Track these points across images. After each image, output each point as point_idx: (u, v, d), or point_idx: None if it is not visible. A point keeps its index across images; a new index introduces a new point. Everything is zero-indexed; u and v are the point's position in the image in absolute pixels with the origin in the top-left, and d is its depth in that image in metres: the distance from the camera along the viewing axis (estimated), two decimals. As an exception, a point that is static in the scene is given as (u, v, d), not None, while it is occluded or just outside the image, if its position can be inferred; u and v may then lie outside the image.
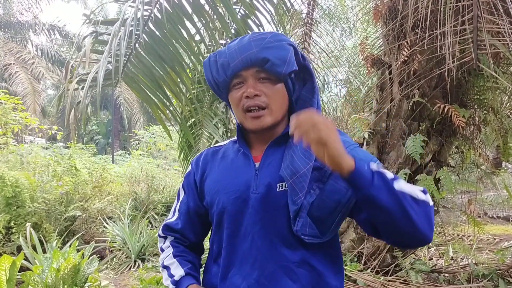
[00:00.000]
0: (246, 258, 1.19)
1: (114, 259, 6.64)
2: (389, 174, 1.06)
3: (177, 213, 1.42)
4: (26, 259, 4.82)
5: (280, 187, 1.18)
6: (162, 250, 1.42)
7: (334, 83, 7.26)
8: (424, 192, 1.10)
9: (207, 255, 1.40)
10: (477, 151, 4.57)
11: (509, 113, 4.63)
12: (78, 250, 4.65)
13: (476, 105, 4.17)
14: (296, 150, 1.17)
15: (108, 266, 6.43)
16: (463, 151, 4.62)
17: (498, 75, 3.57)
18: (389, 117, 4.17)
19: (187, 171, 1.43)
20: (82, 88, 3.67)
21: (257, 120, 1.20)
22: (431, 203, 1.11)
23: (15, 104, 8.05)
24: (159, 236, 1.47)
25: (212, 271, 1.31)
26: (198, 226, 1.40)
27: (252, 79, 1.20)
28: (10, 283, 3.21)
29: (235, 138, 1.36)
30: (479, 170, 4.79)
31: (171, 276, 1.32)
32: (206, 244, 1.41)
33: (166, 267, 1.36)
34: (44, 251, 4.88)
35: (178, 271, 1.31)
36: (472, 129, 4.34)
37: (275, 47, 1.17)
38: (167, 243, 1.42)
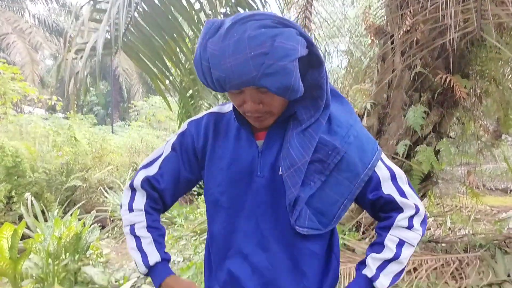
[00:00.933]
0: (249, 239, 1.17)
1: (115, 228, 6.72)
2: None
3: (158, 169, 1.29)
4: (27, 227, 4.87)
5: (281, 170, 1.16)
6: (131, 210, 1.28)
7: (335, 54, 7.19)
8: (417, 213, 1.21)
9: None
10: (478, 122, 4.56)
11: (511, 85, 4.60)
12: (79, 219, 4.69)
13: (478, 76, 4.14)
14: (293, 141, 1.12)
15: (110, 235, 6.51)
16: (464, 123, 4.61)
17: (501, 46, 3.53)
18: (390, 88, 4.13)
19: (182, 130, 1.31)
20: (81, 58, 3.63)
21: (259, 122, 1.14)
22: (422, 216, 1.23)
23: (14, 74, 7.99)
24: (130, 187, 1.31)
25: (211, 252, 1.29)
26: (181, 191, 1.32)
27: (250, 90, 1.08)
28: (12, 251, 3.25)
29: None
30: (479, 142, 4.79)
31: (142, 252, 1.25)
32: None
33: (137, 237, 1.26)
34: (45, 220, 4.93)
35: (153, 254, 1.25)
36: (473, 100, 4.32)
37: (276, 72, 0.99)
38: (140, 205, 1.28)
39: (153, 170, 1.29)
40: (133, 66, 23.25)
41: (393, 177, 1.22)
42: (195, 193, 7.97)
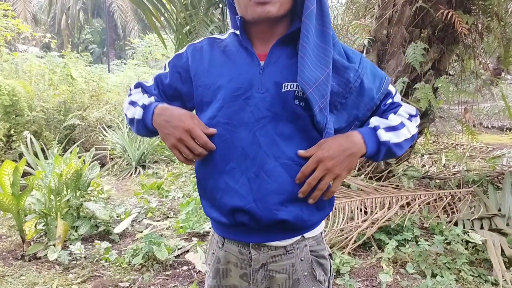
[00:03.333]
0: (246, 153, 1.17)
1: (115, 166, 6.82)
2: (395, 121, 1.20)
3: (153, 82, 1.34)
4: (28, 165, 4.94)
5: (286, 87, 1.15)
6: (130, 95, 1.33)
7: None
8: (416, 116, 1.27)
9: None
10: (478, 59, 4.50)
11: (513, 21, 4.50)
12: (79, 157, 4.75)
13: (480, 12, 4.04)
14: (310, 58, 1.12)
15: (110, 172, 6.62)
16: (464, 60, 4.56)
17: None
18: (390, 24, 4.05)
19: (180, 51, 1.32)
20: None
21: (262, 6, 1.12)
22: (418, 121, 1.30)
23: (5, 10, 7.77)
24: (129, 89, 1.37)
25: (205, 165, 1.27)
26: (173, 95, 1.33)
27: None
28: (14, 187, 3.31)
29: (235, 30, 1.29)
30: (478, 80, 4.76)
31: (138, 105, 1.26)
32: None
33: (133, 103, 1.28)
34: (45, 158, 4.99)
35: (147, 100, 1.26)
36: (474, 37, 4.25)
37: None
38: (139, 89, 1.34)
39: (148, 82, 1.35)
40: (128, 2, 22.62)
41: (397, 96, 1.29)
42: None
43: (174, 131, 1.15)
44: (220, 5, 5.28)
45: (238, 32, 1.25)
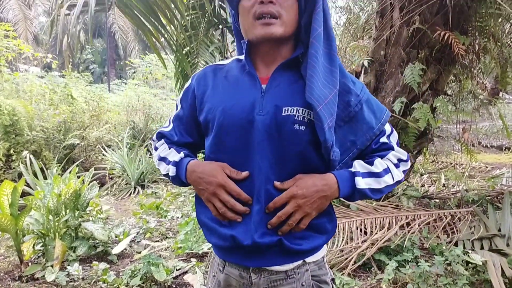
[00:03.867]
0: (260, 168, 1.17)
1: (114, 185, 6.80)
2: (376, 183, 1.21)
3: (171, 124, 1.40)
4: (27, 185, 4.93)
5: (286, 111, 1.16)
6: (156, 149, 1.41)
7: (333, 10, 7.05)
8: (406, 161, 1.28)
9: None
10: (475, 80, 4.54)
11: (509, 42, 4.56)
12: (78, 177, 4.74)
13: (477, 33, 4.09)
14: (319, 77, 1.15)
15: (109, 192, 6.60)
16: (461, 80, 4.59)
17: (501, 1, 3.47)
18: (388, 45, 4.09)
19: (186, 85, 1.37)
20: (74, 13, 3.57)
21: (267, 27, 1.15)
22: (408, 166, 1.30)
23: (6, 31, 7.84)
24: (152, 140, 1.45)
25: None
26: (193, 129, 1.37)
27: None
28: (13, 207, 3.30)
29: (238, 57, 1.32)
30: (475, 99, 4.79)
31: (170, 162, 1.31)
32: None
33: (163, 158, 1.34)
34: (44, 178, 4.98)
35: (177, 156, 1.30)
36: (471, 57, 4.29)
37: None
38: (162, 141, 1.40)
39: (168, 126, 1.41)
40: (128, 23, 22.83)
41: (394, 135, 1.31)
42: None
43: (208, 187, 1.19)
44: (220, 26, 5.34)
45: (242, 57, 1.28)
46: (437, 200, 4.54)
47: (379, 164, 1.21)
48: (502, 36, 4.28)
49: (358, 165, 1.21)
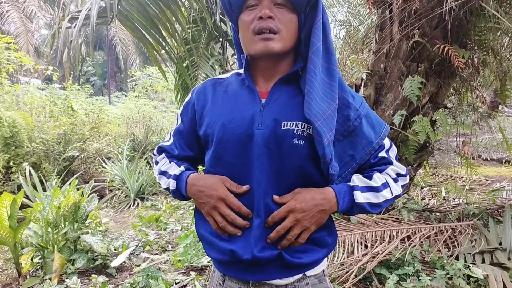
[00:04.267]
0: (259, 182, 1.17)
1: (114, 198, 6.78)
2: (374, 198, 1.20)
3: (171, 138, 1.40)
4: (26, 197, 4.91)
5: (285, 125, 1.16)
6: (157, 163, 1.41)
7: (333, 24, 7.10)
8: (405, 176, 1.28)
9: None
10: (475, 93, 4.55)
11: (508, 55, 4.58)
12: (77, 189, 4.73)
13: (476, 46, 4.11)
14: (318, 92, 1.15)
15: (108, 204, 6.57)
16: (461, 93, 4.60)
17: (500, 15, 3.49)
18: (387, 58, 4.11)
19: (187, 100, 1.37)
20: (75, 26, 3.59)
21: (266, 42, 1.16)
22: (407, 181, 1.30)
23: (8, 43, 7.89)
24: (153, 154, 1.46)
25: None
26: (194, 142, 1.37)
27: (268, 1, 1.17)
28: (12, 220, 3.29)
29: (238, 71, 1.33)
30: (475, 113, 4.80)
31: (170, 176, 1.31)
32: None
33: (164, 172, 1.34)
34: (44, 190, 4.97)
35: (177, 170, 1.30)
36: (471, 70, 4.30)
37: None
38: (162, 155, 1.40)
39: (169, 140, 1.41)
40: (129, 36, 22.97)
41: (392, 149, 1.30)
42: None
43: (209, 200, 1.19)
44: (221, 39, 5.37)
45: (241, 71, 1.28)
46: (437, 213, 4.52)
47: (377, 179, 1.21)
48: (501, 49, 4.31)
49: (357, 180, 1.21)
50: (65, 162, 6.76)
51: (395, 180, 1.25)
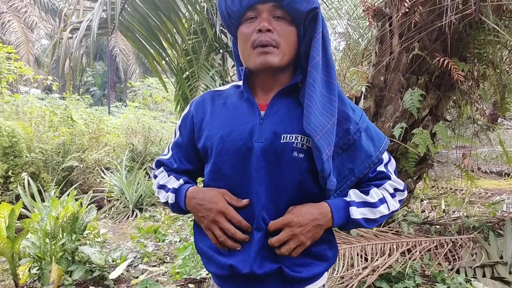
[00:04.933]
0: (258, 196, 1.16)
1: (112, 208, 6.75)
2: (370, 213, 1.19)
3: (170, 152, 1.38)
4: (25, 207, 4.89)
5: (284, 138, 1.15)
6: (155, 177, 1.39)
7: (333, 36, 7.14)
8: (403, 191, 1.27)
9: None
10: (474, 106, 4.56)
11: (508, 68, 4.60)
12: (76, 199, 4.71)
13: (475, 59, 4.13)
14: (317, 106, 1.14)
15: (107, 215, 6.54)
16: (461, 106, 4.61)
17: (500, 29, 3.51)
18: (387, 71, 4.12)
19: (185, 112, 1.37)
20: (76, 37, 3.60)
21: (265, 56, 1.15)
22: (404, 196, 1.29)
23: (8, 53, 7.91)
24: (152, 168, 1.45)
25: None
26: (193, 155, 1.35)
27: (267, 14, 1.16)
28: (10, 230, 3.26)
29: (237, 83, 1.32)
30: (475, 125, 4.81)
31: (169, 190, 1.29)
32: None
33: (162, 186, 1.33)
34: (42, 200, 4.94)
35: (176, 183, 1.28)
36: (470, 83, 4.32)
37: None
38: (161, 169, 1.39)
39: (167, 154, 1.39)
40: (130, 46, 23.06)
41: (391, 163, 1.30)
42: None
43: (209, 214, 1.17)
44: (221, 51, 5.39)
45: (240, 83, 1.27)
46: (437, 226, 4.51)
47: (374, 194, 1.20)
48: (501, 62, 4.32)
49: (354, 195, 1.20)
50: (64, 172, 6.74)
51: (393, 195, 1.24)
